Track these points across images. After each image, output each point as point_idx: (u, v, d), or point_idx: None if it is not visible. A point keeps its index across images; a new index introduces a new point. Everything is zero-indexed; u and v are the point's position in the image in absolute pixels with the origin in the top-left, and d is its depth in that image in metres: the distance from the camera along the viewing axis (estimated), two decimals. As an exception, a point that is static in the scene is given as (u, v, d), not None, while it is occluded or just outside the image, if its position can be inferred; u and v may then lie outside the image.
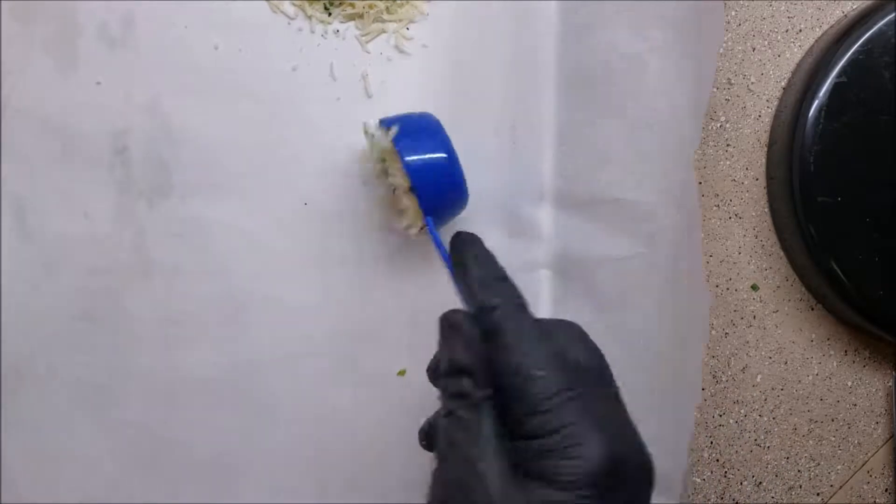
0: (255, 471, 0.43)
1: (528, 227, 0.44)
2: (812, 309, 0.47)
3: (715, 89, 0.46)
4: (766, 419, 0.46)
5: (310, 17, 0.43)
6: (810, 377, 0.47)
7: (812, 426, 0.47)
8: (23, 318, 0.43)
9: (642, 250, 0.42)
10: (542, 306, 0.43)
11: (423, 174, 0.38)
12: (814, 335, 0.47)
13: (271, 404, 0.43)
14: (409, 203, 0.39)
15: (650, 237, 0.42)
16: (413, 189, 0.38)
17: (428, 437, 0.35)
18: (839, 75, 0.43)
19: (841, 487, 0.47)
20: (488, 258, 0.33)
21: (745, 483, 0.47)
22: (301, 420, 0.43)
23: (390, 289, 0.43)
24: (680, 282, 0.42)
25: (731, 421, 0.46)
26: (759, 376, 0.46)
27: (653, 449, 0.29)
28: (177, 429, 0.43)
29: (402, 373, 0.44)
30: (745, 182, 0.46)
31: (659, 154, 0.42)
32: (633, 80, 0.42)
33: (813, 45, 0.46)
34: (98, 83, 0.43)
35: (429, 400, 0.44)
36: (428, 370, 0.36)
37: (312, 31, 0.43)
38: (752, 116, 0.46)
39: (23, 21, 0.42)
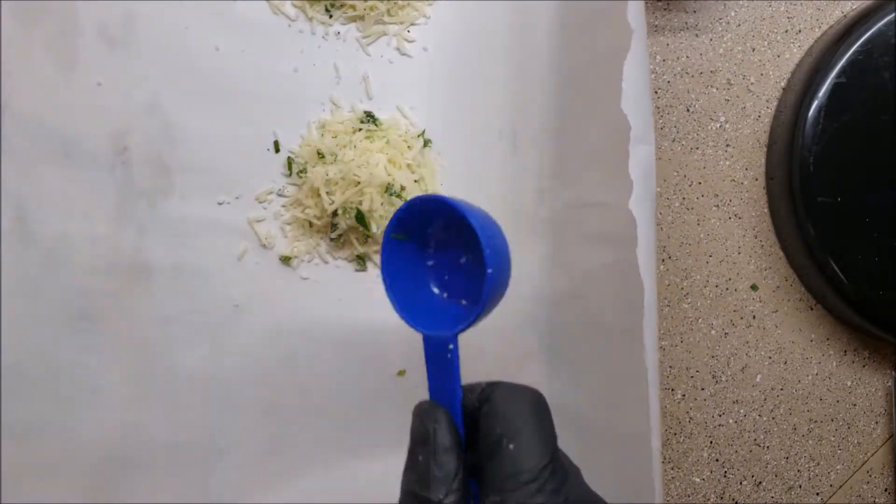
0: (256, 469, 0.43)
1: (528, 230, 0.44)
2: (812, 309, 0.47)
3: (715, 89, 0.46)
4: (765, 419, 0.47)
5: (311, 19, 0.43)
6: (810, 377, 0.47)
7: (812, 426, 0.47)
8: (23, 318, 0.43)
9: (623, 255, 0.42)
10: (541, 308, 0.43)
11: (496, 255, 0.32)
12: (813, 335, 0.47)
13: (271, 404, 0.43)
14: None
15: (621, 240, 0.41)
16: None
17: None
18: (839, 75, 0.43)
19: (840, 487, 0.47)
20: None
21: (744, 483, 0.47)
22: (301, 419, 0.43)
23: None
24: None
25: (730, 421, 0.47)
26: (759, 376, 0.46)
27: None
28: (176, 428, 0.43)
29: (401, 373, 0.44)
30: (745, 182, 0.46)
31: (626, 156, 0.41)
32: (613, 80, 0.42)
33: (813, 46, 0.46)
34: (98, 84, 0.43)
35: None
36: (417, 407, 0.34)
37: (313, 33, 0.43)
38: (752, 116, 0.46)
39: (23, 21, 0.42)
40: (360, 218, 0.41)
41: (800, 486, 0.47)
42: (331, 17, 0.43)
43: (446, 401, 0.32)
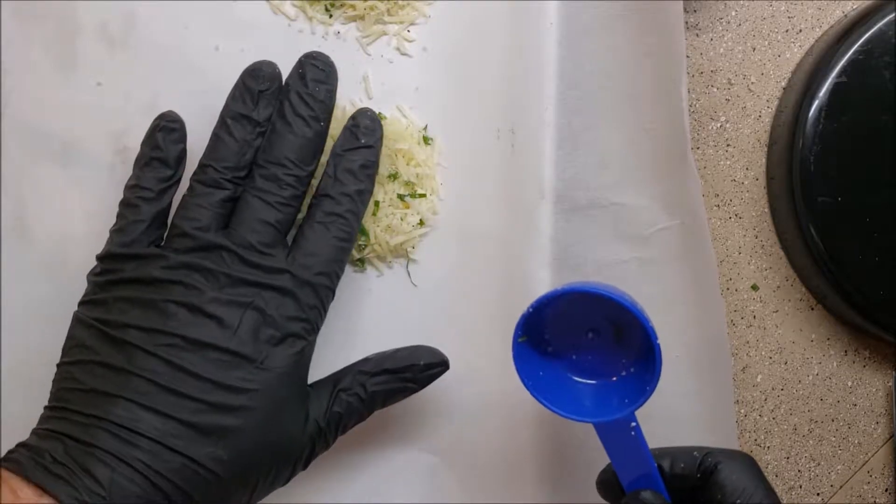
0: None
1: (528, 230, 0.44)
2: (812, 309, 0.47)
3: (715, 89, 0.46)
4: (766, 419, 0.47)
5: (311, 19, 0.43)
6: (810, 377, 0.47)
7: (812, 426, 0.47)
8: (23, 318, 0.43)
9: (638, 255, 0.43)
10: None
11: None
12: (814, 335, 0.47)
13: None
14: None
15: (646, 241, 0.42)
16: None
17: (606, 486, 0.36)
18: (839, 75, 0.43)
19: (841, 487, 0.47)
20: None
21: (745, 483, 0.47)
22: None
23: (392, 288, 0.44)
24: (685, 286, 0.42)
25: (731, 421, 0.46)
26: (760, 376, 0.46)
27: None
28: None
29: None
30: (745, 182, 0.46)
31: (656, 158, 0.42)
32: (630, 84, 0.42)
33: (813, 45, 0.46)
34: (98, 84, 0.43)
35: (428, 403, 0.44)
36: (599, 483, 0.36)
37: (313, 33, 0.43)
38: (752, 116, 0.46)
39: (23, 21, 0.42)
40: (361, 228, 0.41)
41: (800, 487, 0.47)
42: (331, 16, 0.43)
43: (637, 473, 0.34)
